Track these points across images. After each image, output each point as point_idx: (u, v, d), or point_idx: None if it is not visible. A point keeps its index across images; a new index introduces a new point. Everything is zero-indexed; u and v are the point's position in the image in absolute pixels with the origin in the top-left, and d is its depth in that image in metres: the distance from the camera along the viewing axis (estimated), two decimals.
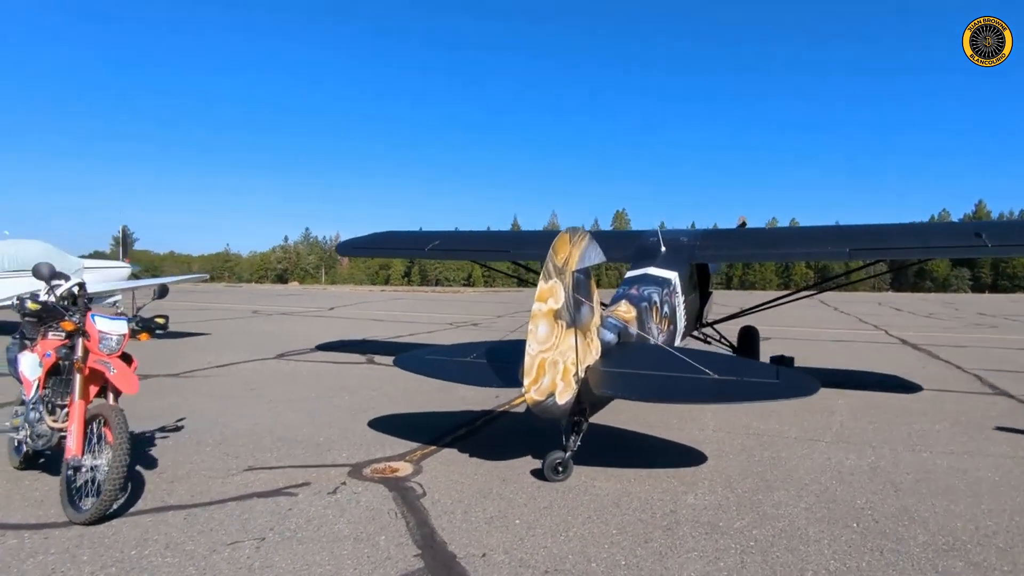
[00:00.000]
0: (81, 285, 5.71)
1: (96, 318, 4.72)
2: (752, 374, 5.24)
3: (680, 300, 8.09)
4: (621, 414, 7.23)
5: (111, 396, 4.69)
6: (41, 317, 4.84)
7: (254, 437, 6.38)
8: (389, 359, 9.93)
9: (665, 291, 7.50)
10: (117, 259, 19.89)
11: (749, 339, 10.19)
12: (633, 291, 7.08)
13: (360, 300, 37.76)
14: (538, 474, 5.21)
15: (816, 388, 5.08)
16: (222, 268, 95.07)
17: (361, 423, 7.01)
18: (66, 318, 4.69)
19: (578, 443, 5.27)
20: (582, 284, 5.25)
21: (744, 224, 11.35)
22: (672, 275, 7.93)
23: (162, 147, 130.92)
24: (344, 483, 5.07)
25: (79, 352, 4.63)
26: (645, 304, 6.84)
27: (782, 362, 9.85)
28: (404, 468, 5.46)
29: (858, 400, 8.52)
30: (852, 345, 15.82)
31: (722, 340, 10.33)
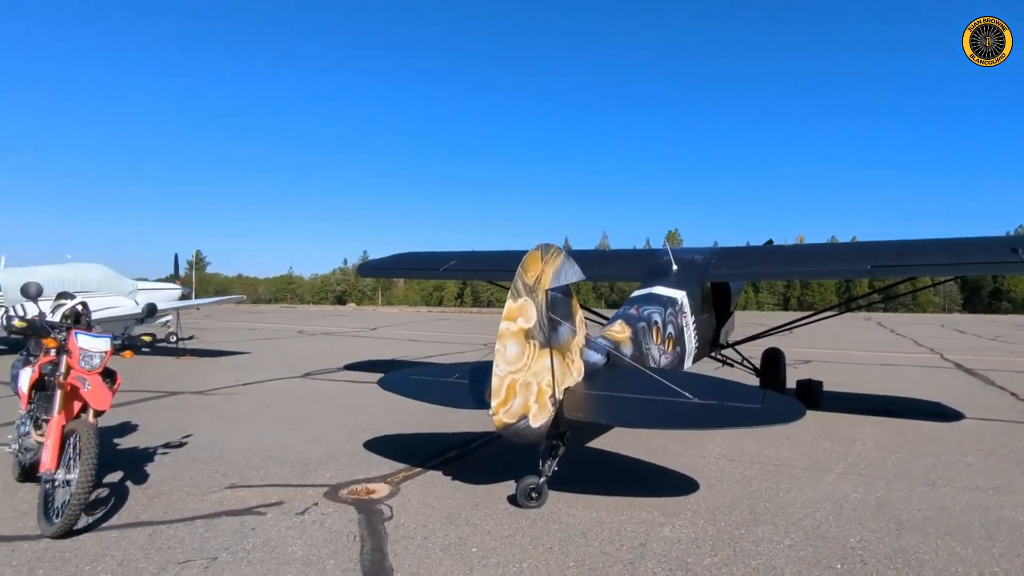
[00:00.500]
0: (84, 304, 5.93)
1: (79, 336, 4.84)
2: (734, 398, 4.91)
3: (690, 320, 7.76)
4: (622, 438, 6.96)
5: (91, 413, 4.78)
6: (27, 334, 4.99)
7: (249, 455, 6.42)
8: None
9: (670, 311, 7.21)
10: (173, 281, 20.78)
11: (773, 362, 9.67)
12: (632, 311, 6.83)
13: (405, 321, 38.22)
14: (515, 500, 5.01)
15: (801, 414, 4.73)
16: (285, 290, 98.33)
17: (358, 443, 6.97)
18: (50, 335, 4.83)
19: (554, 468, 5.05)
20: (559, 303, 5.08)
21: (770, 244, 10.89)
22: (680, 294, 7.63)
23: (234, 175, 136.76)
24: (316, 504, 5.00)
25: (61, 368, 4.75)
26: (643, 324, 6.58)
27: (808, 387, 9.33)
28: (381, 490, 5.35)
29: (888, 428, 7.93)
30: (901, 369, 14.86)
31: (744, 363, 9.85)
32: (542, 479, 4.94)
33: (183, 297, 20.10)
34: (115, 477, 5.63)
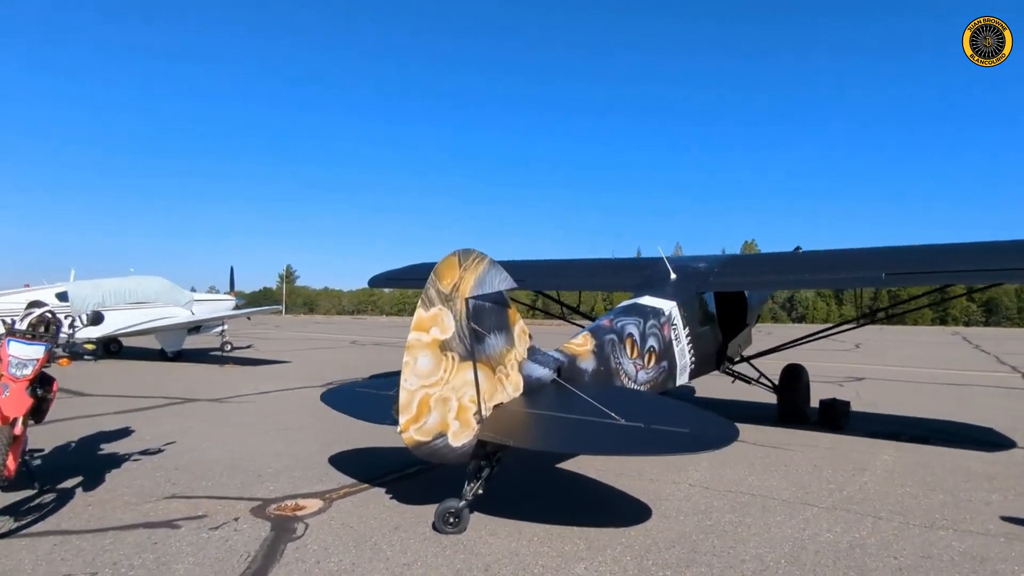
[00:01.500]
0: (52, 313, 6.03)
1: (11, 343, 4.86)
2: (663, 422, 4.32)
3: (681, 333, 7.12)
4: (598, 459, 6.40)
5: (18, 420, 4.76)
6: None
7: (213, 464, 6.34)
8: None
9: (651, 323, 6.63)
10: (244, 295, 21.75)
11: (792, 379, 8.77)
12: (605, 323, 6.31)
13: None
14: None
15: (731, 439, 4.11)
16: (366, 302, 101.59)
17: (326, 455, 6.78)
18: None
19: (479, 491, 4.62)
20: (487, 313, 4.68)
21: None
22: (668, 305, 7.02)
23: (322, 191, 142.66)
24: (237, 519, 4.80)
25: None
26: (612, 337, 6.05)
27: (832, 408, 8.40)
28: (312, 506, 5.10)
29: (911, 456, 6.95)
30: (967, 390, 13.29)
31: (761, 379, 9.00)
32: (462, 503, 4.52)
33: (237, 307, 20.90)
34: (72, 482, 5.65)
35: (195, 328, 19.01)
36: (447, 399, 4.43)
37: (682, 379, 7.26)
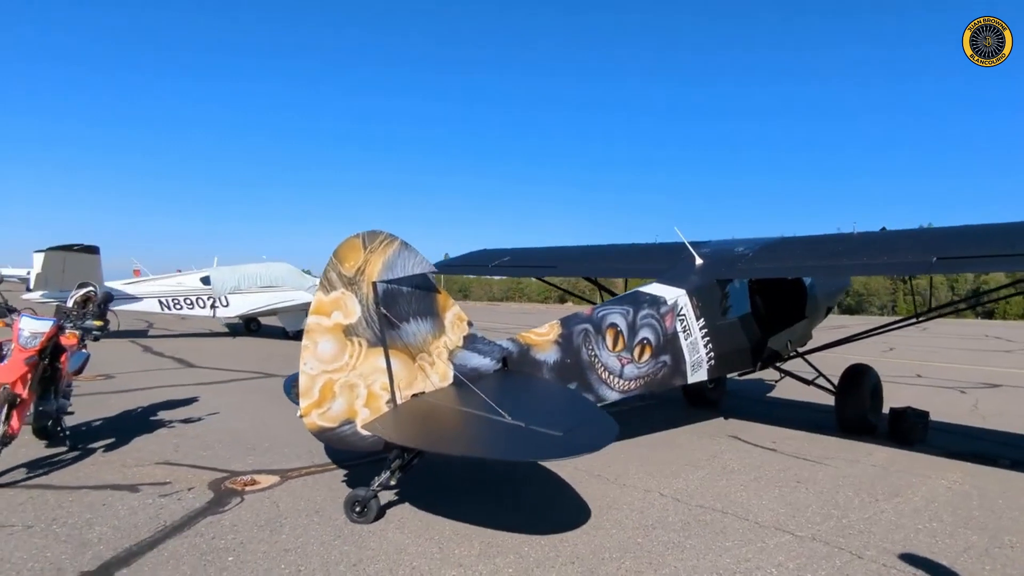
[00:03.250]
0: (93, 291, 6.72)
1: (24, 318, 5.45)
2: (545, 420, 3.75)
3: (692, 324, 6.30)
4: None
5: (29, 387, 5.32)
6: None
7: (224, 436, 6.70)
8: None
9: (646, 312, 5.92)
10: None
11: (855, 382, 7.40)
12: (585, 311, 5.74)
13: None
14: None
15: (603, 443, 3.48)
16: (514, 289, 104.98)
17: None
18: (2, 318, 5.51)
19: (391, 483, 4.39)
20: (404, 298, 4.42)
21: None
22: (674, 293, 6.23)
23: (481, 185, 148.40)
24: (192, 488, 5.00)
25: (7, 346, 5.40)
26: (586, 327, 5.49)
27: (901, 417, 7.01)
28: (265, 482, 5.19)
29: (980, 483, 5.60)
30: None
31: (816, 380, 7.70)
32: (369, 492, 4.32)
33: None
34: (101, 444, 6.25)
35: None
36: (354, 385, 4.24)
37: (696, 375, 6.41)
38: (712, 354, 6.50)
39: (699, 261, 6.95)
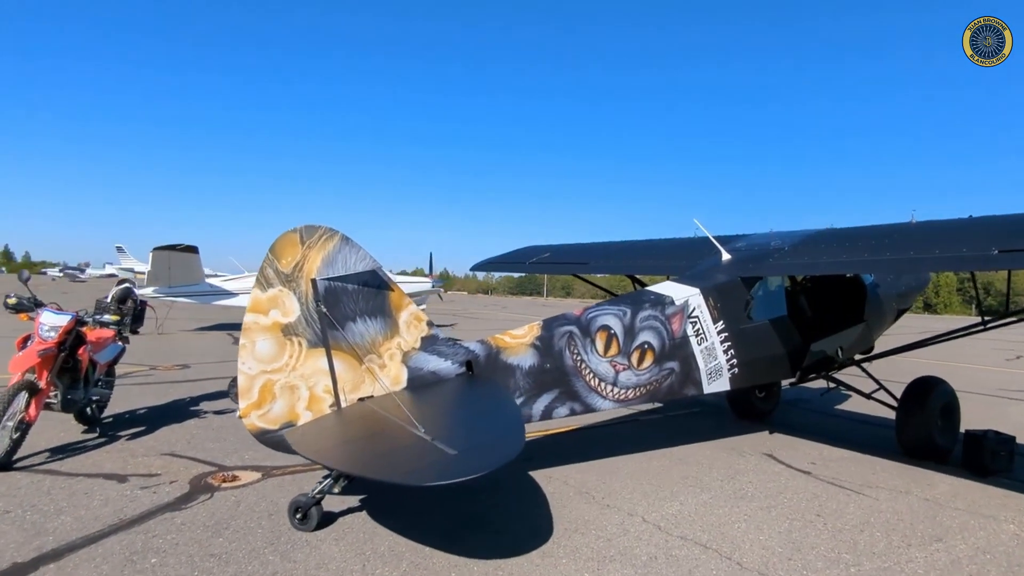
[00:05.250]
0: (131, 287, 7.06)
1: (44, 312, 5.74)
2: (447, 436, 3.25)
3: (708, 327, 5.55)
4: (575, 467, 5.31)
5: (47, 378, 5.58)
6: (16, 310, 6.06)
7: (233, 430, 6.64)
8: None
9: (648, 313, 5.28)
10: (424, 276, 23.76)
11: (919, 398, 6.19)
12: (575, 311, 5.18)
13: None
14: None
15: (495, 463, 2.97)
16: (617, 287, 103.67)
17: None
18: (27, 311, 5.83)
19: (334, 490, 4.11)
20: (348, 296, 4.13)
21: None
22: (685, 293, 5.52)
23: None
24: (175, 481, 5.03)
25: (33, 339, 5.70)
26: (571, 329, 4.96)
27: (978, 443, 5.79)
28: (245, 479, 5.13)
29: None
30: None
31: (875, 394, 6.55)
32: (311, 500, 4.06)
33: (433, 289, 22.74)
34: (128, 432, 6.50)
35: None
36: (295, 387, 4.03)
37: (715, 385, 5.63)
38: (735, 361, 5.68)
39: (725, 257, 6.12)
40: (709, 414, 8.31)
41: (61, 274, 67.19)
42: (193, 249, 17.96)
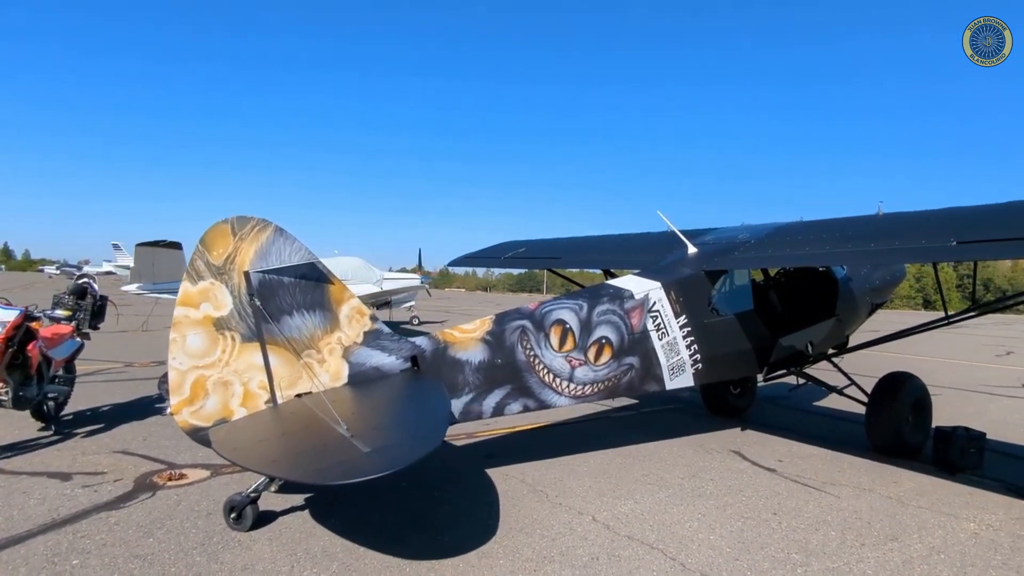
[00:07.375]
0: (90, 282, 6.91)
1: None
2: (365, 433, 3.11)
3: (669, 321, 5.41)
4: (536, 463, 5.18)
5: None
6: None
7: None
8: None
9: (606, 308, 5.14)
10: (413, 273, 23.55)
11: (889, 393, 6.05)
12: (530, 306, 5.04)
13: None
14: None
15: (403, 462, 2.85)
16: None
17: None
18: None
19: (270, 489, 3.97)
20: (284, 289, 3.99)
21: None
22: (645, 286, 5.38)
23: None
24: (119, 479, 4.90)
25: None
26: (523, 324, 4.83)
27: (947, 439, 5.66)
28: (192, 477, 5.01)
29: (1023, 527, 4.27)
30: None
31: (846, 389, 6.42)
32: (245, 499, 3.92)
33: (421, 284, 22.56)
34: (85, 430, 6.35)
35: (385, 302, 21.04)
36: (228, 383, 3.88)
37: (678, 380, 5.49)
38: (698, 356, 5.54)
39: (691, 250, 5.98)
40: (683, 411, 8.17)
41: (58, 271, 67.01)
42: (177, 245, 17.77)
